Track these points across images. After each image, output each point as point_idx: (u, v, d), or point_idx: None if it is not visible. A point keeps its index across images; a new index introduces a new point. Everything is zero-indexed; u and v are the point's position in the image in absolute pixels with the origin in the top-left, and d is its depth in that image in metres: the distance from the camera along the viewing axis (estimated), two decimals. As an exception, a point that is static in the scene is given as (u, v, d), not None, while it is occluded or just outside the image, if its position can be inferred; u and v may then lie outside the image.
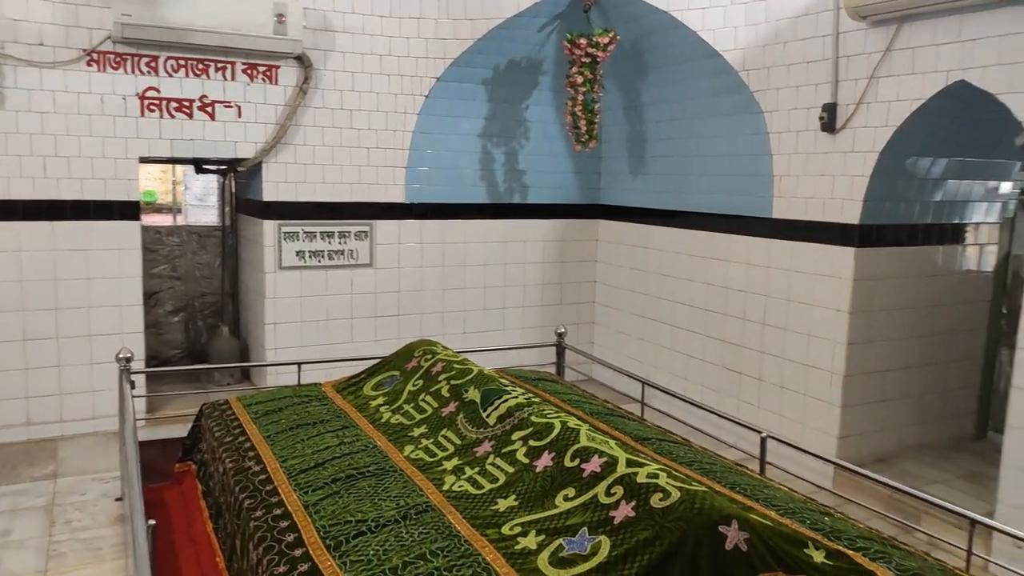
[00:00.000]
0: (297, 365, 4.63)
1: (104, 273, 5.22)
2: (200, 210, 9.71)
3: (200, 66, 5.31)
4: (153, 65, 5.18)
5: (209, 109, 5.38)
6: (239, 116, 5.47)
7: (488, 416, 3.24)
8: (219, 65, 5.36)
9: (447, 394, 3.58)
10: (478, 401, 3.38)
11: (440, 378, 3.73)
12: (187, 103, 5.32)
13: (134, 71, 5.14)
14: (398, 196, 6.05)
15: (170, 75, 5.24)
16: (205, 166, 6.07)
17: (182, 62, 5.25)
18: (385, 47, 5.80)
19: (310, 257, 5.84)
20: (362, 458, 3.14)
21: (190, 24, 5.00)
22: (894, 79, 4.33)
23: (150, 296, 6.24)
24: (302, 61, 5.54)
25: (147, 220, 6.19)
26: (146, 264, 5.72)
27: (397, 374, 4.03)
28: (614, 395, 5.16)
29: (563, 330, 5.02)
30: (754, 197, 5.23)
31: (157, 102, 5.23)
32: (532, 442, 2.91)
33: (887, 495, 4.05)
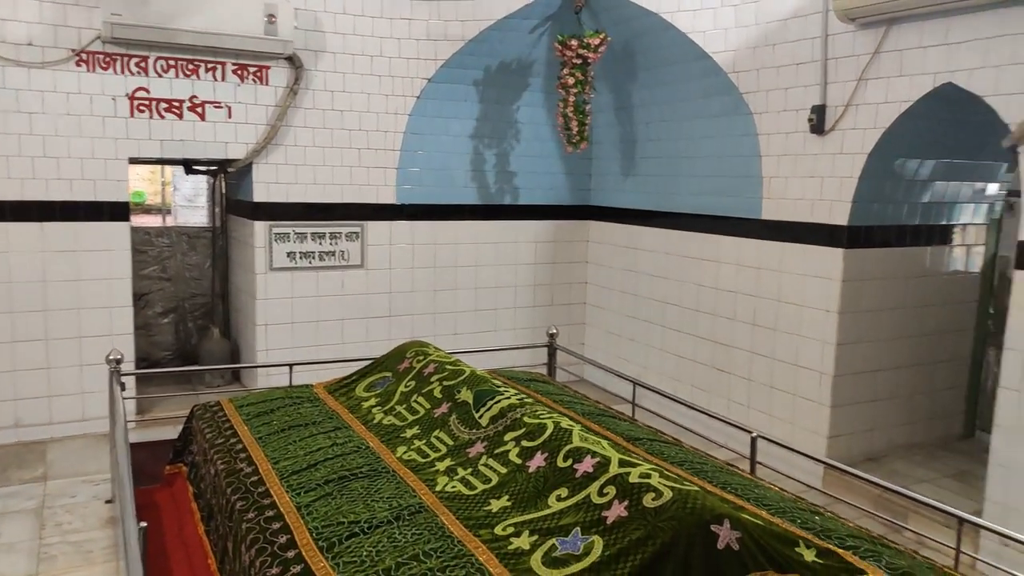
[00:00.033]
0: (288, 367, 4.62)
1: (94, 274, 5.19)
2: (189, 211, 9.67)
3: (190, 66, 5.29)
4: (143, 65, 5.16)
5: (199, 110, 5.36)
6: (229, 117, 5.45)
7: (481, 417, 3.25)
8: (209, 65, 5.34)
9: (439, 395, 3.58)
10: (471, 402, 3.39)
11: (432, 379, 3.74)
12: (177, 103, 5.30)
13: (123, 71, 5.12)
14: (389, 197, 6.05)
15: (160, 75, 5.22)
16: (195, 167, 6.06)
17: (172, 62, 5.23)
18: (376, 48, 5.80)
19: (301, 258, 5.82)
20: (355, 459, 3.14)
21: (180, 24, 4.98)
22: (882, 81, 4.36)
23: (140, 297, 6.21)
24: (293, 62, 5.53)
25: (136, 221, 6.15)
26: (135, 265, 5.69)
27: (389, 375, 4.03)
28: (605, 396, 5.18)
29: (554, 331, 5.03)
30: (744, 198, 5.26)
31: (147, 102, 5.21)
32: (525, 443, 2.92)
33: (876, 494, 4.08)
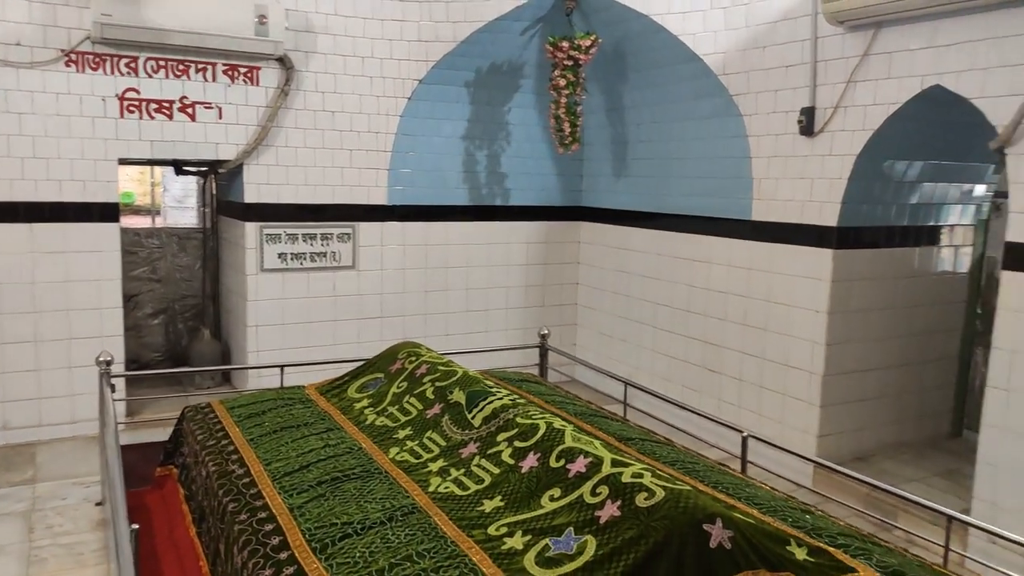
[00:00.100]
0: (280, 368, 4.61)
1: (83, 276, 5.16)
2: (179, 212, 9.64)
3: (180, 67, 5.27)
4: (133, 66, 5.14)
5: (189, 110, 5.34)
6: (220, 117, 5.44)
7: (473, 418, 3.25)
8: (200, 66, 5.33)
9: (432, 396, 3.58)
10: (463, 403, 3.39)
11: (425, 380, 3.74)
12: (167, 104, 5.28)
13: (113, 72, 5.10)
14: (380, 198, 6.04)
15: (150, 76, 5.20)
16: (185, 168, 6.03)
17: (162, 63, 5.21)
18: (367, 49, 5.79)
19: (292, 259, 5.81)
20: (347, 460, 3.14)
21: (170, 25, 4.96)
22: (871, 83, 4.40)
23: (130, 299, 6.18)
24: (284, 63, 5.51)
25: (125, 222, 6.12)
26: (125, 267, 5.67)
27: (381, 376, 4.03)
28: (597, 396, 5.19)
29: (546, 332, 5.04)
30: (734, 199, 5.28)
31: (137, 103, 5.19)
32: (517, 443, 2.93)
33: (866, 493, 4.11)
